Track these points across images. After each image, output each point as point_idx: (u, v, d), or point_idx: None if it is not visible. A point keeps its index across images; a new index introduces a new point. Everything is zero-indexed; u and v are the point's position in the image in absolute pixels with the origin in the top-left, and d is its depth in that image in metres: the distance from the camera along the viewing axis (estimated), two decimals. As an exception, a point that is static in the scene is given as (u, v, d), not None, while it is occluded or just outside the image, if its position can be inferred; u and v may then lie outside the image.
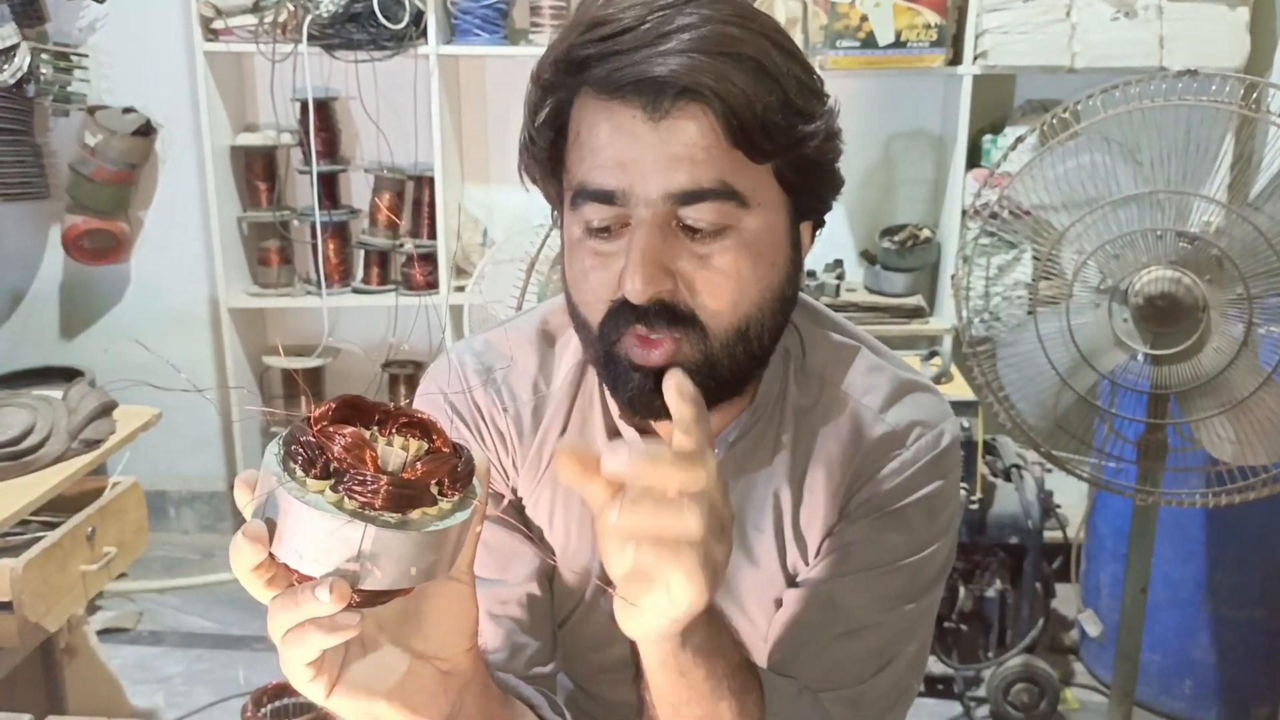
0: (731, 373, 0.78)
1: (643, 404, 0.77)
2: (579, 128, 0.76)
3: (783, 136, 0.74)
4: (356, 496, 0.54)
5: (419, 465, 0.56)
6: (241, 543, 0.54)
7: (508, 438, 0.90)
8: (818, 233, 0.85)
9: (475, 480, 0.59)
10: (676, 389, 0.62)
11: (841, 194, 0.84)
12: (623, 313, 0.75)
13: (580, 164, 0.76)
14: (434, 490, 0.57)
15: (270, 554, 0.54)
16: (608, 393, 0.88)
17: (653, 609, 0.63)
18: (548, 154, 0.80)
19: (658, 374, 0.75)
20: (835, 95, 0.80)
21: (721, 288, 0.75)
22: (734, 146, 0.73)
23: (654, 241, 0.73)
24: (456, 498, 0.57)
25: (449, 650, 0.65)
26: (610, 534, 0.61)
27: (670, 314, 0.75)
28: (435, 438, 0.59)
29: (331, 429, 0.56)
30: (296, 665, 0.58)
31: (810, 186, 0.80)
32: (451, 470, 0.57)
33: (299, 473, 0.54)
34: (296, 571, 0.55)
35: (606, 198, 0.74)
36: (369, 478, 0.54)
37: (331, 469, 0.54)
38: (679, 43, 0.71)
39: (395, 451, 0.57)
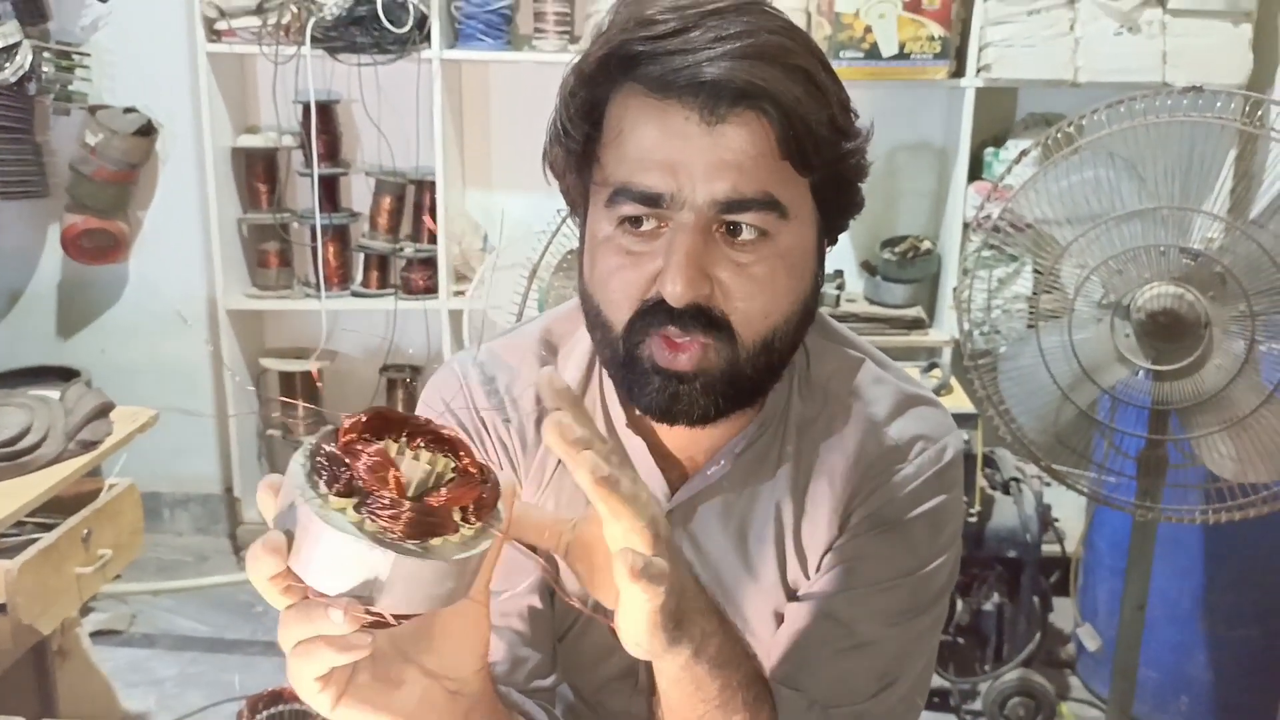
0: (752, 383, 0.78)
1: (661, 408, 0.77)
2: (621, 125, 0.75)
3: (829, 151, 0.75)
4: (378, 520, 0.53)
5: (443, 491, 0.55)
6: (260, 553, 0.53)
7: (510, 449, 0.90)
8: (828, 250, 0.85)
9: (499, 504, 0.59)
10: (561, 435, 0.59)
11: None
12: (655, 314, 0.75)
13: (622, 163, 0.75)
14: (457, 516, 0.56)
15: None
16: (611, 399, 0.88)
17: (631, 612, 0.64)
18: (580, 148, 0.78)
19: (680, 378, 0.75)
20: (872, 118, 0.80)
21: (757, 296, 0.75)
22: (783, 158, 0.73)
23: (697, 245, 0.73)
24: (479, 525, 0.56)
25: (460, 670, 0.64)
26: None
27: (705, 318, 0.74)
28: (462, 456, 0.58)
29: (358, 445, 0.55)
30: (305, 678, 0.57)
31: (840, 204, 0.80)
32: (477, 497, 0.56)
33: (322, 487, 0.54)
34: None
35: (652, 200, 0.73)
36: (392, 501, 0.53)
37: (355, 486, 0.54)
38: (735, 48, 0.71)
39: (420, 466, 0.56)
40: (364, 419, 0.57)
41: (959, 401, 2.33)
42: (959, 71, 2.62)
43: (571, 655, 0.92)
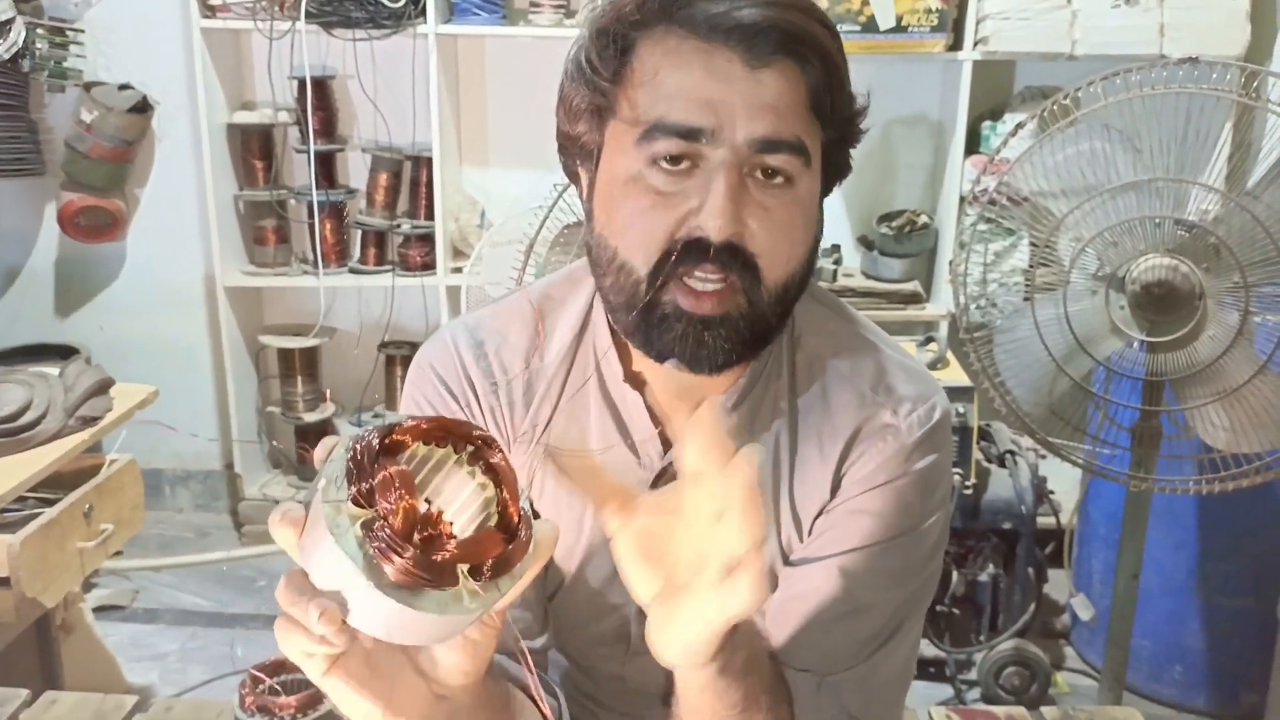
0: (769, 327, 0.80)
1: (688, 354, 0.78)
2: (658, 65, 0.77)
3: (847, 110, 0.80)
4: (378, 554, 0.52)
5: (455, 546, 0.54)
6: (276, 523, 0.55)
7: (498, 412, 0.90)
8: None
9: (533, 544, 0.57)
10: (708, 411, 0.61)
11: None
12: (687, 254, 0.76)
13: (659, 100, 0.76)
14: (463, 571, 0.54)
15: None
16: (605, 356, 0.88)
17: (700, 617, 0.61)
18: (608, 85, 0.79)
19: (705, 323, 0.77)
20: (869, 89, 0.84)
21: (780, 239, 0.77)
22: (811, 108, 0.77)
23: (736, 183, 0.75)
24: (485, 581, 0.55)
25: (448, 680, 0.64)
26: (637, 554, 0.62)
27: (740, 257, 0.76)
28: (509, 501, 0.57)
29: (391, 462, 0.54)
30: (289, 649, 0.57)
31: (838, 165, 0.83)
32: (498, 555, 0.55)
33: (347, 488, 0.53)
34: None
35: (692, 134, 0.75)
36: (394, 543, 0.52)
37: (373, 500, 0.53)
38: None
39: (469, 486, 0.55)
40: (424, 425, 0.55)
41: (955, 375, 2.34)
42: (956, 44, 2.61)
43: (562, 617, 0.93)
